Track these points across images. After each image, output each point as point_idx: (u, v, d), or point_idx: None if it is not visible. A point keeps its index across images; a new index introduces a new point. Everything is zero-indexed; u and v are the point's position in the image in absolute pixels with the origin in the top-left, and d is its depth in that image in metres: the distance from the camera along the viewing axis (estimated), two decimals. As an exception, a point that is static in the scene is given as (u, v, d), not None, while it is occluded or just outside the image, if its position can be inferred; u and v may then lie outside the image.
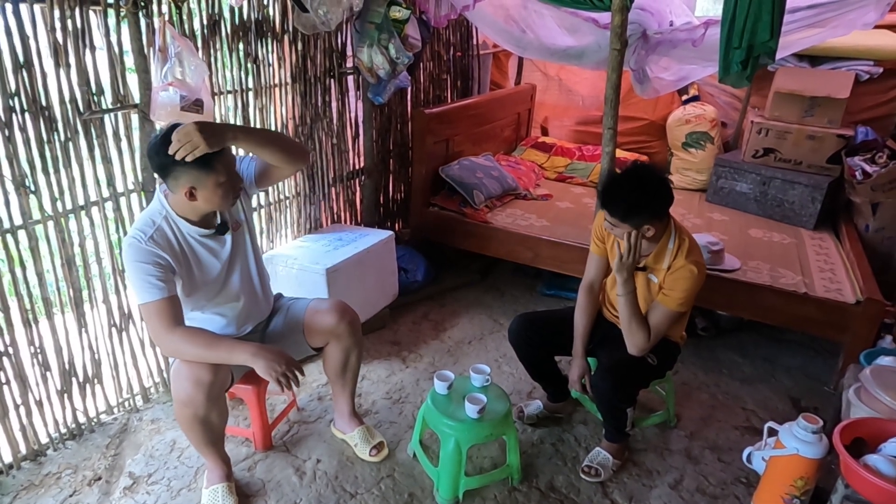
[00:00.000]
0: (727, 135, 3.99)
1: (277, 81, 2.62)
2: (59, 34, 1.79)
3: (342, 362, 2.05)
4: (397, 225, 3.73)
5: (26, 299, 1.91)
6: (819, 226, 3.28)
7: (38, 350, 1.98)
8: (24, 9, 1.71)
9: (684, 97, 3.95)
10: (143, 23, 1.98)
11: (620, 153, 3.63)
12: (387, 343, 2.88)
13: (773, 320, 2.66)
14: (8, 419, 1.93)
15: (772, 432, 1.83)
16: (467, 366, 2.55)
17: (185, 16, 2.14)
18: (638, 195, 1.77)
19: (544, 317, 2.23)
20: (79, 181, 1.96)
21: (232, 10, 2.32)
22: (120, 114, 2.03)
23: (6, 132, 1.74)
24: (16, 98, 1.74)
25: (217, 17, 2.28)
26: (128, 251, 1.64)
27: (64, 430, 2.13)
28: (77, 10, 1.81)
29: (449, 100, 3.91)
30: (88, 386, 2.17)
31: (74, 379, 2.11)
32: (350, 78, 3.01)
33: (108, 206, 2.08)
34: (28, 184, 1.83)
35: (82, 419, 2.17)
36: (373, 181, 3.32)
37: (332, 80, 2.90)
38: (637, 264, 1.87)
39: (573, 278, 2.77)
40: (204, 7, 2.21)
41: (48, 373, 2.02)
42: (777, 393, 2.59)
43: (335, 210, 3.16)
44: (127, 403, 2.31)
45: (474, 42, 4.04)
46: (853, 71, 3.34)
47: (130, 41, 1.97)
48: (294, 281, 2.58)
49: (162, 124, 1.98)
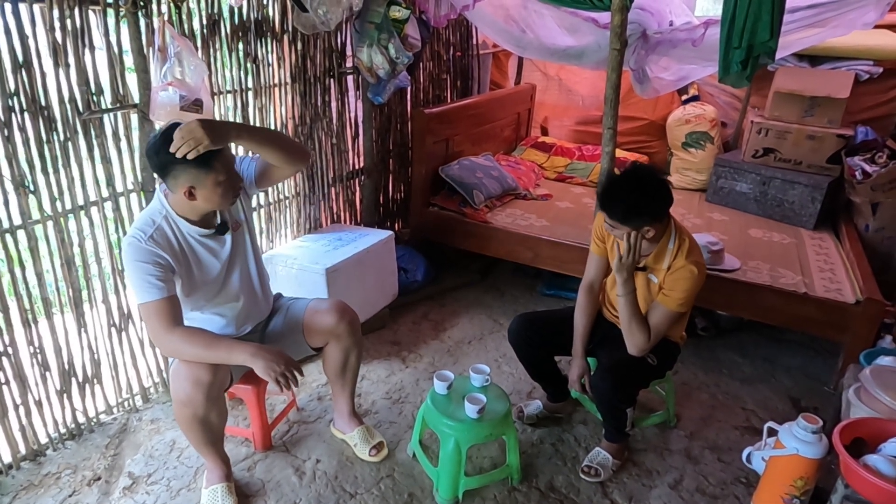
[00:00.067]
0: (727, 135, 3.98)
1: (277, 81, 2.61)
2: (59, 34, 1.79)
3: (342, 362, 2.05)
4: (397, 225, 3.73)
5: (26, 299, 1.90)
6: (819, 226, 3.28)
7: (38, 350, 1.98)
8: (24, 8, 1.71)
9: (684, 97, 3.95)
10: (143, 22, 1.98)
11: (620, 153, 3.64)
12: (386, 343, 2.88)
13: (773, 320, 2.66)
14: (7, 419, 1.93)
15: (771, 432, 1.83)
16: (467, 366, 2.55)
17: (185, 15, 2.14)
18: (637, 197, 1.77)
19: (544, 317, 2.23)
20: (78, 181, 1.96)
21: (231, 10, 2.32)
22: (119, 114, 2.02)
23: (5, 132, 1.74)
24: (15, 98, 1.74)
25: (216, 17, 2.28)
26: (127, 250, 1.64)
27: (63, 431, 2.13)
28: (76, 10, 1.81)
29: (449, 100, 3.91)
30: (88, 386, 2.17)
31: (74, 379, 2.11)
32: (350, 78, 3.00)
33: (108, 206, 2.08)
34: (27, 184, 1.83)
35: (82, 419, 2.17)
36: (372, 181, 3.32)
37: (332, 80, 2.90)
38: (637, 264, 1.87)
39: (573, 278, 2.77)
40: (203, 7, 2.21)
41: (47, 373, 2.02)
42: (777, 393, 2.59)
43: (335, 210, 3.16)
44: (126, 403, 2.31)
45: (474, 42, 4.03)
46: (853, 71, 3.34)
47: (130, 41, 1.97)
48: (294, 281, 2.58)
49: (161, 124, 1.98)
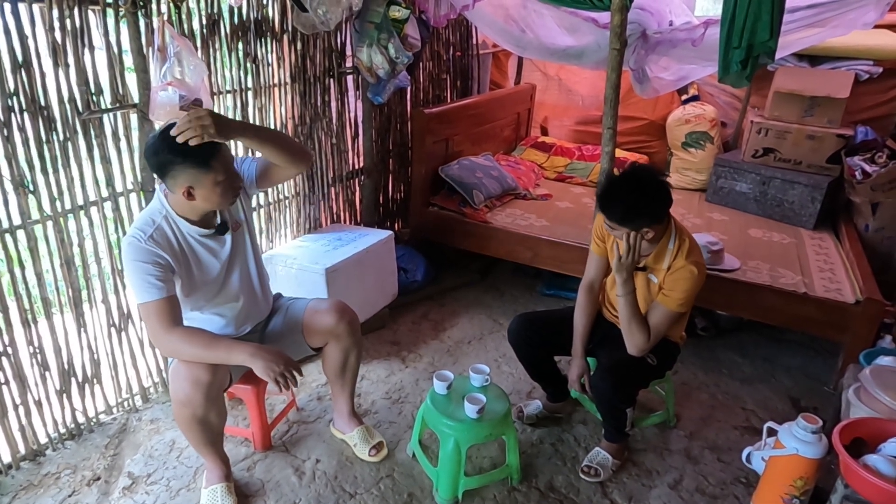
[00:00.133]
0: (727, 134, 3.98)
1: (277, 81, 2.61)
2: (58, 34, 1.79)
3: (341, 362, 2.05)
4: (397, 225, 3.73)
5: (25, 299, 1.90)
6: (819, 226, 3.28)
7: (38, 350, 1.98)
8: (23, 8, 1.70)
9: (684, 97, 3.94)
10: (143, 22, 1.97)
11: (620, 153, 3.65)
12: (386, 343, 2.88)
13: (773, 320, 2.66)
14: (7, 419, 1.93)
15: (771, 432, 1.83)
16: (467, 366, 2.55)
17: (185, 15, 2.13)
18: (636, 198, 1.76)
19: (544, 317, 2.23)
20: (78, 181, 1.96)
21: (231, 10, 2.32)
22: (119, 113, 2.02)
23: (5, 132, 1.74)
24: (14, 98, 1.74)
25: (216, 17, 2.28)
26: (127, 250, 1.64)
27: (63, 430, 2.13)
28: (76, 10, 1.81)
29: (448, 99, 3.91)
30: (87, 386, 2.17)
31: (73, 379, 2.11)
32: (349, 78, 3.00)
33: (108, 206, 2.08)
34: (27, 184, 1.83)
35: (81, 419, 2.17)
36: (372, 181, 3.32)
37: (332, 80, 2.90)
38: (637, 264, 1.87)
39: (573, 278, 2.77)
40: (203, 7, 2.21)
41: (47, 373, 2.02)
42: (777, 393, 2.59)
43: (335, 210, 3.16)
44: (126, 403, 2.31)
45: (474, 42, 4.03)
46: (853, 71, 3.34)
47: (129, 41, 1.97)
48: (293, 281, 2.58)
49: (161, 124, 1.98)
